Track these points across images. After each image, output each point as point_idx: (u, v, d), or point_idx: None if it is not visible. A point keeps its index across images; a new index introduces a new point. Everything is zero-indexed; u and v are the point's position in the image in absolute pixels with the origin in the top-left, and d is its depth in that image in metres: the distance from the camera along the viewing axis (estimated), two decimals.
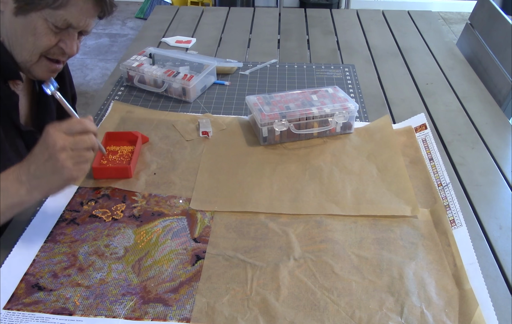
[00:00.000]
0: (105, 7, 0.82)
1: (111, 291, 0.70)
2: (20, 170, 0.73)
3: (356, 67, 1.37)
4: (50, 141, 0.72)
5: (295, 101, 1.04)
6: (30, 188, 0.73)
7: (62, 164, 0.72)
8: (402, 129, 1.06)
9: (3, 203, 0.71)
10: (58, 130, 0.73)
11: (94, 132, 0.77)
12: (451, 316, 0.67)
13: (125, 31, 3.71)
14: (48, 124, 0.96)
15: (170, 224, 0.82)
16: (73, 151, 0.73)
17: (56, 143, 0.72)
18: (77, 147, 0.74)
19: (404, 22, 1.72)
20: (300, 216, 0.84)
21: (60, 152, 0.72)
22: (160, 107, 1.16)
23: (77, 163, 0.74)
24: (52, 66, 0.86)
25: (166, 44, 1.51)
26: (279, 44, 1.54)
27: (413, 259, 0.75)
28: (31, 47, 0.81)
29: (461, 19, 4.08)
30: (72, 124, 0.75)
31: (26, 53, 0.81)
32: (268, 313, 0.67)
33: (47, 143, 0.72)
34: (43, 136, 0.73)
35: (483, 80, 1.33)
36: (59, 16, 0.78)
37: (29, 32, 0.79)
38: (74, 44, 0.85)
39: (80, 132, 0.75)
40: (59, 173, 0.72)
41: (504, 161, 0.99)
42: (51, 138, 0.72)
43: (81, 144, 0.74)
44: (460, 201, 0.86)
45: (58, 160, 0.72)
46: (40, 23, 0.78)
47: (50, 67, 0.86)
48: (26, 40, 0.80)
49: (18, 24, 0.79)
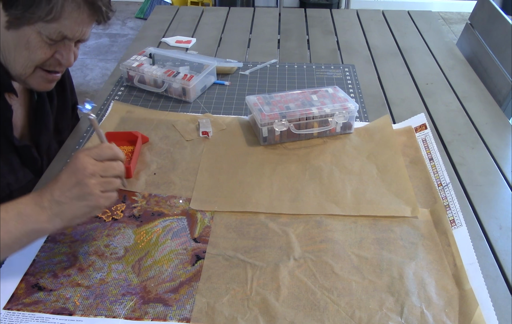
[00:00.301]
0: (101, 15, 0.79)
1: (111, 291, 0.70)
2: (42, 194, 0.68)
3: (356, 67, 1.37)
4: (80, 166, 0.68)
5: (295, 101, 1.04)
6: (52, 214, 0.68)
7: (91, 190, 0.68)
8: (402, 129, 1.06)
9: (22, 228, 0.66)
10: (88, 155, 0.70)
11: (122, 160, 0.74)
12: (451, 316, 0.67)
13: (125, 31, 3.71)
14: (43, 138, 0.92)
15: (170, 224, 0.82)
16: (102, 178, 0.70)
17: (86, 168, 0.68)
18: (106, 174, 0.70)
19: (404, 22, 1.72)
20: (300, 216, 0.84)
21: (89, 178, 0.68)
22: (160, 107, 1.16)
23: (105, 191, 0.70)
24: (49, 77, 0.84)
25: (166, 44, 1.51)
26: (279, 44, 1.54)
27: (413, 259, 0.75)
28: (25, 60, 0.78)
29: (461, 19, 4.08)
30: (102, 150, 0.72)
31: (20, 66, 0.79)
32: (268, 313, 0.67)
33: (75, 168, 0.68)
34: (71, 161, 0.70)
35: (483, 80, 1.32)
36: (53, 29, 0.76)
37: (22, 46, 0.77)
38: (71, 54, 0.82)
39: (110, 158, 0.72)
40: (86, 199, 0.68)
41: (504, 161, 0.99)
42: (80, 163, 0.68)
43: (110, 171, 0.71)
44: (460, 201, 0.86)
45: (87, 186, 0.68)
46: (34, 36, 0.76)
47: (47, 77, 0.84)
48: (19, 53, 0.78)
49: (11, 38, 0.76)
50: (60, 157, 0.97)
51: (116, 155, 0.73)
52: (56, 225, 0.68)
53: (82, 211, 0.69)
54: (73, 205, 0.68)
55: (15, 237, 0.66)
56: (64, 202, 0.68)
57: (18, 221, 0.66)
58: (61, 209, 0.68)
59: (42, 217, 0.67)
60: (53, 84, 0.87)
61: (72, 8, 0.75)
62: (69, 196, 0.68)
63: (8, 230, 0.65)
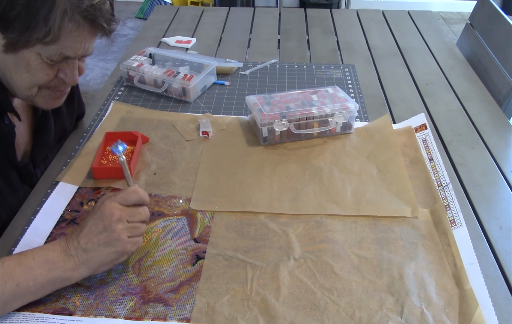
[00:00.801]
0: (103, 31, 0.76)
1: (111, 291, 0.70)
2: (68, 242, 0.68)
3: (356, 67, 1.37)
4: (107, 212, 0.68)
5: (295, 101, 1.04)
6: (79, 262, 0.67)
7: (118, 236, 0.67)
8: (402, 129, 1.06)
9: (47, 276, 0.65)
10: (114, 201, 0.69)
11: (147, 204, 0.73)
12: (451, 316, 0.67)
13: (125, 31, 3.71)
14: (41, 153, 0.89)
15: (170, 224, 0.82)
16: (129, 224, 0.69)
17: (113, 214, 0.68)
18: (133, 220, 0.70)
19: (404, 22, 1.72)
20: (300, 216, 0.84)
21: (116, 224, 0.67)
22: (160, 107, 1.16)
23: (132, 236, 0.69)
24: (57, 94, 0.82)
25: (166, 44, 1.51)
26: (279, 44, 1.54)
27: (413, 259, 0.75)
28: (27, 83, 0.76)
29: (461, 19, 4.08)
30: (128, 194, 0.71)
31: (24, 89, 0.77)
32: (268, 313, 0.67)
33: (102, 214, 0.68)
34: (97, 207, 0.69)
35: (483, 80, 1.32)
36: (54, 50, 0.73)
37: (23, 69, 0.74)
38: (75, 72, 0.80)
39: (136, 203, 0.71)
40: (113, 245, 0.67)
41: (504, 161, 0.99)
42: (107, 208, 0.68)
43: (137, 216, 0.70)
44: (460, 201, 0.86)
45: (115, 231, 0.67)
46: (34, 58, 0.73)
47: (55, 95, 0.82)
48: (20, 76, 0.75)
49: (10, 61, 0.73)
50: (60, 158, 0.97)
51: (142, 200, 0.72)
52: (82, 273, 0.67)
53: (110, 257, 0.68)
54: (100, 251, 0.67)
55: (40, 284, 0.65)
56: (91, 249, 0.67)
57: (44, 268, 0.65)
58: (88, 256, 0.67)
59: (69, 264, 0.66)
60: (63, 99, 0.85)
61: (71, 27, 0.72)
62: (96, 242, 0.67)
63: (34, 277, 0.64)
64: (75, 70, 0.79)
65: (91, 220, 0.68)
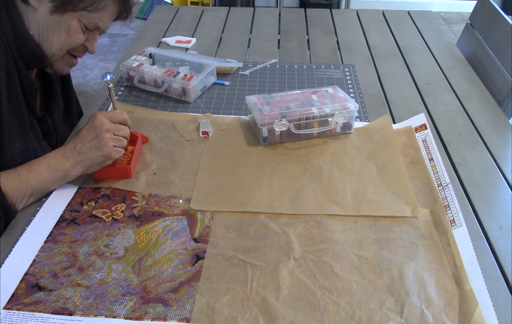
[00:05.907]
0: (127, 12, 0.92)
1: (111, 291, 0.70)
2: (65, 148, 0.85)
3: (356, 67, 1.37)
4: (98, 123, 0.85)
5: (295, 101, 1.04)
6: (74, 162, 0.84)
7: (106, 142, 0.84)
8: (402, 129, 1.06)
9: (51, 177, 0.84)
10: (104, 116, 0.87)
11: (129, 126, 0.91)
12: (451, 316, 0.67)
13: (125, 31, 3.71)
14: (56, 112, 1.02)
15: (170, 224, 0.82)
16: (114, 135, 0.86)
17: (103, 125, 0.85)
18: (117, 133, 0.87)
19: (404, 22, 1.72)
20: (300, 216, 0.84)
21: (105, 132, 0.85)
22: (160, 107, 1.16)
23: (116, 146, 0.87)
24: (73, 61, 0.95)
25: (166, 44, 1.51)
26: (279, 44, 1.54)
27: (413, 259, 0.75)
28: (62, 43, 0.88)
29: (461, 19, 4.08)
30: (116, 114, 0.89)
31: (56, 48, 0.88)
32: (268, 313, 0.67)
33: (94, 125, 0.85)
34: (91, 120, 0.86)
35: (483, 80, 1.32)
36: (92, 19, 0.87)
37: (63, 30, 0.86)
38: (95, 43, 0.93)
39: (121, 122, 0.89)
40: (101, 149, 0.84)
41: (504, 161, 0.99)
42: (98, 121, 0.85)
43: (121, 132, 0.88)
44: (460, 201, 0.86)
45: (103, 138, 0.84)
46: (75, 22, 0.86)
47: (71, 62, 0.94)
48: (58, 36, 0.87)
49: (53, 21, 0.85)
50: None
51: (125, 120, 0.90)
52: (77, 171, 0.85)
53: (98, 159, 0.85)
54: (91, 154, 0.85)
55: (46, 184, 0.84)
56: (85, 152, 0.84)
57: (48, 170, 0.84)
58: (81, 157, 0.85)
59: (67, 165, 0.84)
60: (72, 67, 0.98)
61: (110, 3, 0.87)
62: (88, 147, 0.85)
63: (42, 180, 0.83)
64: (95, 41, 0.93)
65: (85, 129, 0.86)
